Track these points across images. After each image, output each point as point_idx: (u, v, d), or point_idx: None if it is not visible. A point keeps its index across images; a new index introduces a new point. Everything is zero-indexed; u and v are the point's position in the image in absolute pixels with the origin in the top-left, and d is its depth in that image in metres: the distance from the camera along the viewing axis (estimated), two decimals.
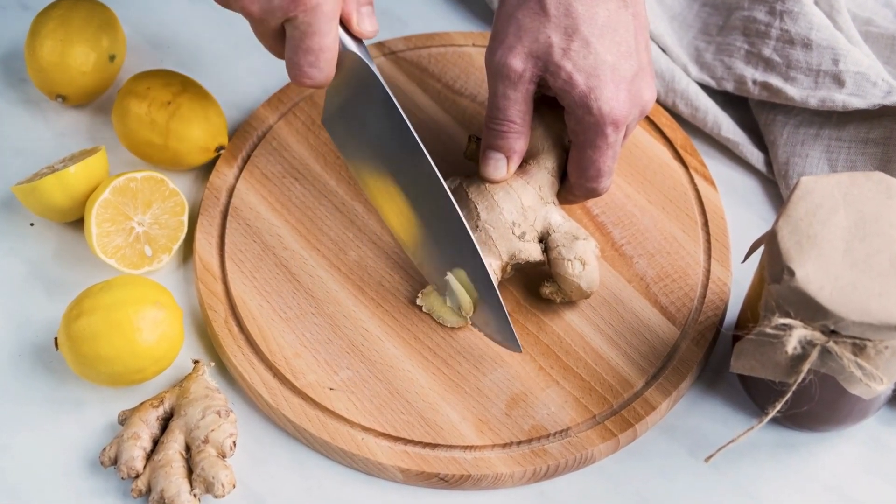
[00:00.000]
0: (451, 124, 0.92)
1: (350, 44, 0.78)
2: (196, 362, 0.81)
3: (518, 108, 0.78)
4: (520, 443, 0.78)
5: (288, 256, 0.85)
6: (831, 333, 0.69)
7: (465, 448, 0.78)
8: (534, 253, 0.80)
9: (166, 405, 0.79)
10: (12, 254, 0.87)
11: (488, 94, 0.79)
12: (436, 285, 0.82)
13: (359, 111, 0.81)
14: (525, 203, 0.80)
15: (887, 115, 0.89)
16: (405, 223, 0.82)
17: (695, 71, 0.94)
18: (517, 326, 0.82)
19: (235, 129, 0.93)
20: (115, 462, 0.77)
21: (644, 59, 0.78)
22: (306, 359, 0.81)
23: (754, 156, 0.92)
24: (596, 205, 0.88)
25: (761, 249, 0.75)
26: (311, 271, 0.85)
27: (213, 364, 0.81)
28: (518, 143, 0.79)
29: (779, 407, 0.73)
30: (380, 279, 0.84)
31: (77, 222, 0.88)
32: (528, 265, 0.81)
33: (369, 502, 0.78)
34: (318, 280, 0.84)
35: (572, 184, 0.81)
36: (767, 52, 0.91)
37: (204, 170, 0.91)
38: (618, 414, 0.79)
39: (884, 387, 0.70)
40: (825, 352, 0.70)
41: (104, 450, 0.77)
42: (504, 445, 0.78)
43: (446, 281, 0.80)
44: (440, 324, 0.82)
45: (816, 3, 0.93)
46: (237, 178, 0.89)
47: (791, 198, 0.72)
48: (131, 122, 0.87)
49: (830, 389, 0.73)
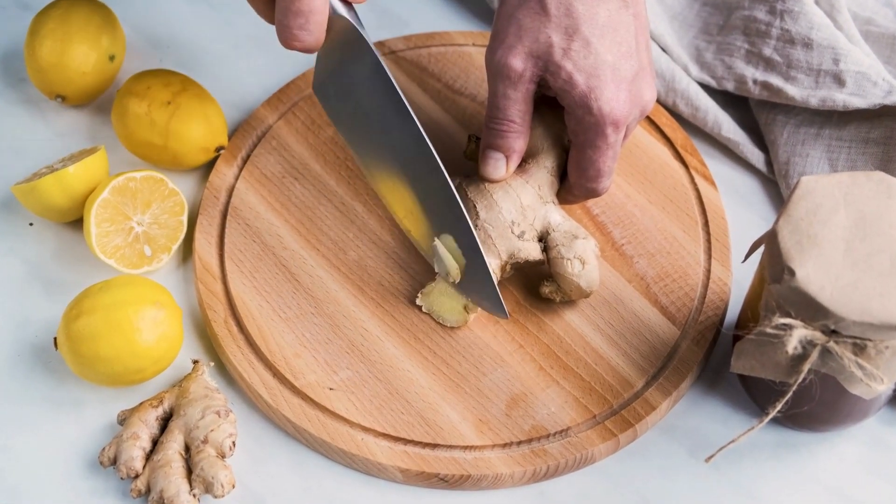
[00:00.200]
0: (451, 124, 0.92)
1: (341, 8, 0.77)
2: (195, 362, 0.80)
3: (518, 108, 0.78)
4: (520, 443, 0.78)
5: (287, 256, 0.85)
6: (832, 333, 0.69)
7: (465, 448, 0.78)
8: (533, 252, 0.80)
9: (166, 405, 0.79)
10: (11, 254, 0.87)
11: (488, 94, 0.79)
12: (424, 252, 0.82)
13: (349, 76, 0.80)
14: (524, 202, 0.80)
15: (888, 114, 0.89)
16: (395, 189, 0.82)
17: (695, 70, 0.94)
18: (517, 326, 0.82)
19: (235, 129, 0.93)
20: (114, 462, 0.77)
21: (644, 59, 0.78)
22: (306, 359, 0.81)
23: (755, 155, 0.92)
24: (596, 204, 0.88)
25: (761, 249, 0.75)
26: (311, 271, 0.85)
27: (212, 364, 0.81)
28: (517, 142, 0.79)
29: (779, 407, 0.73)
30: (379, 279, 0.84)
31: (76, 222, 0.88)
32: (528, 264, 0.81)
33: (369, 502, 0.78)
34: (318, 280, 0.84)
35: (572, 184, 0.81)
36: (768, 51, 0.91)
37: (204, 170, 0.91)
38: (618, 414, 0.79)
39: (884, 387, 0.70)
40: (826, 352, 0.70)
41: (103, 450, 0.77)
42: (504, 445, 0.78)
43: (434, 247, 0.80)
44: (440, 324, 0.82)
45: (817, 2, 0.93)
46: (237, 178, 0.89)
47: (791, 197, 0.72)
48: (131, 122, 0.87)
49: (831, 389, 0.73)
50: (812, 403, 0.74)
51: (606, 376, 0.80)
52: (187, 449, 0.77)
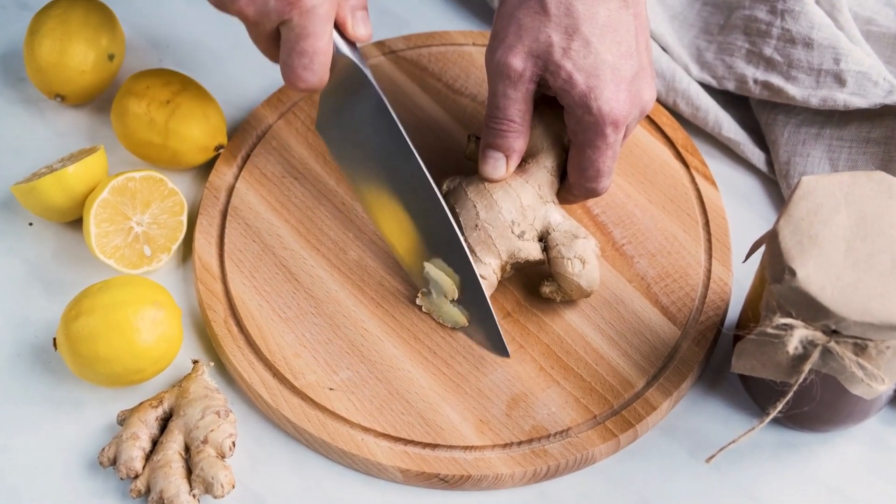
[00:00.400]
0: (451, 123, 0.92)
1: (344, 48, 0.79)
2: (195, 362, 0.80)
3: (518, 108, 0.78)
4: (520, 443, 0.78)
5: (287, 256, 0.85)
6: (832, 333, 0.69)
7: (466, 448, 0.78)
8: (533, 252, 0.80)
9: (165, 405, 0.79)
10: (11, 254, 0.87)
11: (488, 94, 0.79)
12: (417, 280, 0.82)
13: (352, 115, 0.82)
14: (524, 202, 0.80)
15: (889, 114, 0.89)
16: (397, 228, 0.82)
17: (696, 70, 0.93)
18: (517, 326, 0.82)
19: (235, 129, 0.93)
20: (114, 462, 0.77)
21: (644, 59, 0.78)
22: (306, 359, 0.81)
23: (755, 155, 0.92)
24: (596, 204, 0.88)
25: (762, 249, 0.74)
26: (311, 271, 0.84)
27: (212, 364, 0.81)
28: (517, 142, 0.79)
29: (780, 407, 0.73)
30: (380, 279, 0.84)
31: (76, 222, 0.88)
32: (528, 264, 0.81)
33: (369, 503, 0.77)
34: (318, 280, 0.84)
35: (572, 183, 0.81)
36: (768, 51, 0.91)
37: (203, 169, 0.91)
38: (618, 414, 0.79)
39: (885, 387, 0.70)
40: (826, 352, 0.70)
41: (103, 450, 0.77)
42: (504, 446, 0.78)
43: (426, 272, 0.80)
44: (440, 324, 0.82)
45: (817, 2, 0.93)
46: (237, 178, 0.89)
47: (792, 197, 0.72)
48: (130, 122, 0.87)
49: (832, 390, 0.73)
50: (813, 404, 0.74)
51: (607, 376, 0.80)
52: (187, 449, 0.77)
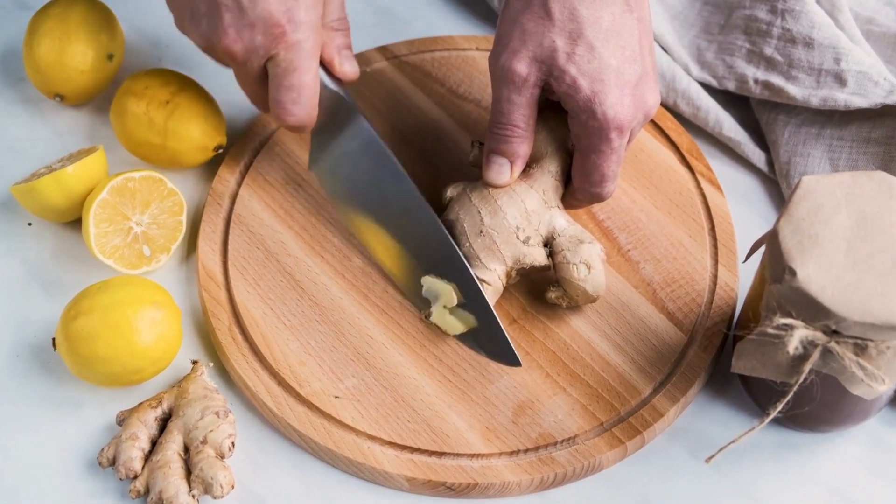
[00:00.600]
0: (454, 129, 0.91)
1: (332, 85, 0.82)
2: (195, 363, 0.80)
3: (522, 113, 0.78)
4: (527, 451, 0.78)
5: (292, 263, 0.85)
6: (833, 333, 0.69)
7: (472, 456, 0.77)
8: (538, 257, 0.80)
9: (165, 406, 0.78)
10: (10, 254, 0.87)
11: (492, 99, 0.79)
12: (425, 309, 0.81)
13: (343, 148, 0.83)
14: (529, 207, 0.80)
15: (889, 114, 0.89)
16: (394, 254, 0.83)
17: (696, 70, 0.93)
18: (523, 333, 0.82)
19: (234, 129, 0.93)
20: (113, 463, 0.77)
21: (648, 63, 0.78)
22: (311, 367, 0.80)
23: (756, 155, 0.91)
24: (601, 210, 0.87)
25: (762, 249, 0.74)
26: (316, 278, 0.84)
27: (211, 364, 0.81)
28: (522, 147, 0.79)
29: (780, 407, 0.72)
30: (384, 286, 0.84)
31: (75, 222, 0.88)
32: (533, 270, 0.80)
33: None
34: (323, 287, 0.84)
35: (576, 188, 0.81)
36: (769, 51, 0.91)
37: (203, 169, 0.91)
38: (625, 421, 0.78)
39: (885, 387, 0.70)
40: (827, 352, 0.70)
41: (102, 450, 0.77)
42: (511, 453, 0.77)
43: (425, 290, 0.80)
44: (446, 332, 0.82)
45: (818, 1, 0.93)
46: (240, 185, 0.89)
47: (792, 197, 0.72)
48: (129, 122, 0.87)
49: (832, 390, 0.72)
50: (813, 404, 0.74)
51: (613, 383, 0.80)
52: (186, 449, 0.77)
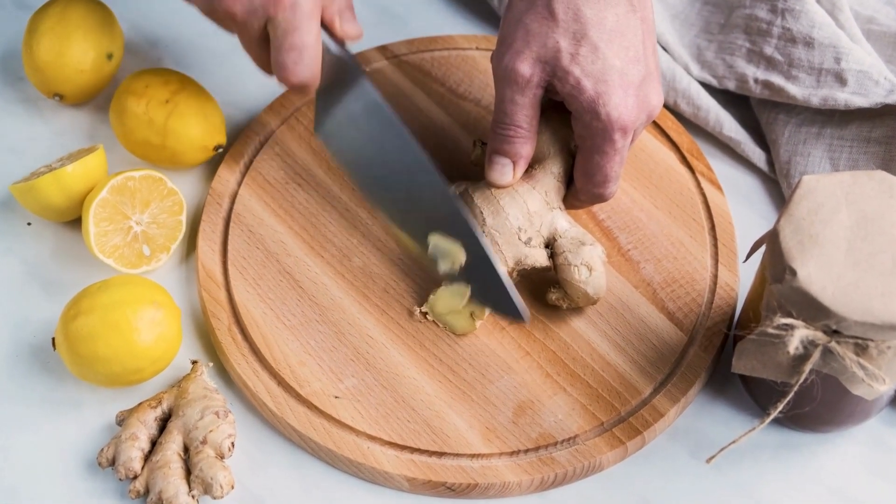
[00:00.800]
0: (455, 128, 0.91)
1: (334, 47, 0.80)
2: (194, 362, 0.80)
3: (525, 113, 0.78)
4: (527, 451, 0.77)
5: (291, 263, 0.85)
6: (833, 333, 0.69)
7: (472, 456, 0.77)
8: (540, 258, 0.80)
9: (164, 406, 0.78)
10: (10, 253, 0.87)
11: (495, 99, 0.79)
12: (434, 267, 0.80)
13: (347, 109, 0.81)
14: (531, 208, 0.80)
15: (890, 113, 0.89)
16: (401, 218, 0.81)
17: (696, 69, 0.93)
18: (523, 333, 0.82)
19: (234, 128, 0.92)
20: (112, 463, 0.76)
21: (652, 63, 0.78)
22: (311, 367, 0.80)
23: (756, 154, 0.91)
24: (602, 210, 0.87)
25: (763, 249, 0.74)
26: (315, 278, 0.84)
27: (211, 364, 0.81)
28: (524, 147, 0.79)
29: (781, 407, 0.72)
30: (384, 286, 0.84)
31: (75, 222, 0.88)
32: (535, 271, 0.80)
33: None
34: (323, 287, 0.84)
35: (579, 189, 0.81)
36: (769, 50, 0.91)
37: (202, 169, 0.91)
38: (626, 421, 0.78)
39: (886, 387, 0.70)
40: (827, 352, 0.70)
41: (102, 451, 0.77)
42: (511, 454, 0.77)
43: (431, 249, 0.79)
44: (446, 331, 0.82)
45: (818, 1, 0.93)
46: (239, 184, 0.89)
47: (793, 197, 0.72)
48: (129, 121, 0.87)
49: (832, 390, 0.72)
50: (813, 404, 0.74)
51: (614, 383, 0.80)
52: (186, 450, 0.77)
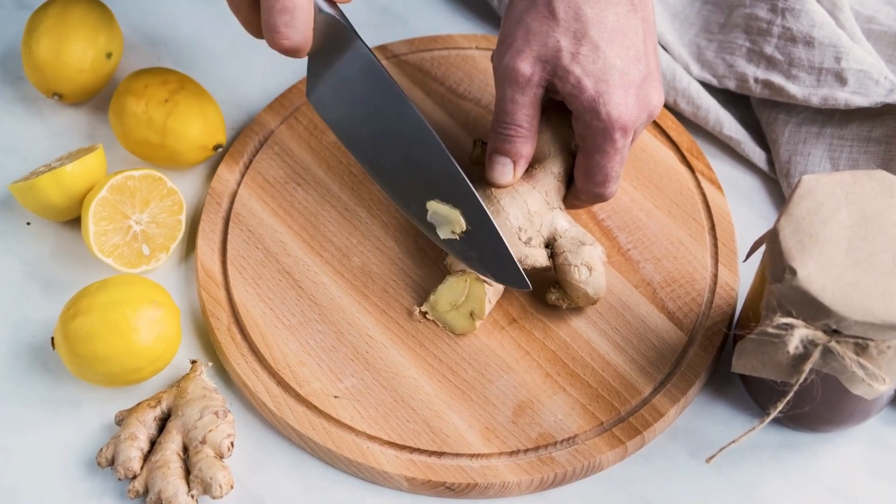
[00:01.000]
0: (455, 128, 0.91)
1: (325, 7, 0.77)
2: (194, 362, 0.80)
3: (525, 113, 0.78)
4: (527, 451, 0.77)
5: (291, 263, 0.85)
6: (833, 333, 0.69)
7: (472, 456, 0.77)
8: (540, 258, 0.80)
9: (164, 405, 0.78)
10: (9, 253, 0.87)
11: (496, 98, 0.79)
12: (430, 234, 0.80)
13: (341, 72, 0.80)
14: (531, 208, 0.79)
15: (890, 113, 0.88)
16: (398, 185, 0.81)
17: (696, 69, 0.93)
18: (523, 333, 0.82)
19: (234, 128, 0.92)
20: (112, 463, 0.76)
21: (653, 62, 0.78)
22: (310, 366, 0.80)
23: (756, 154, 0.91)
24: (602, 209, 0.87)
25: (763, 249, 0.74)
26: (315, 278, 0.84)
27: (210, 364, 0.81)
28: (525, 147, 0.79)
29: (780, 407, 0.72)
30: (384, 285, 0.84)
31: (74, 221, 0.87)
32: (535, 271, 0.80)
33: None
34: (322, 287, 0.84)
35: (579, 189, 0.81)
36: (769, 49, 0.91)
37: (202, 168, 0.91)
38: (625, 421, 0.78)
39: (886, 387, 0.70)
40: (827, 352, 0.69)
41: (101, 450, 0.77)
42: (511, 453, 0.77)
43: (429, 215, 0.79)
44: (446, 330, 0.82)
45: (819, 0, 0.92)
46: (239, 184, 0.89)
47: (793, 196, 0.72)
48: (128, 121, 0.87)
49: (832, 390, 0.72)
50: (813, 404, 0.74)
51: (613, 383, 0.80)
52: (185, 449, 0.76)
